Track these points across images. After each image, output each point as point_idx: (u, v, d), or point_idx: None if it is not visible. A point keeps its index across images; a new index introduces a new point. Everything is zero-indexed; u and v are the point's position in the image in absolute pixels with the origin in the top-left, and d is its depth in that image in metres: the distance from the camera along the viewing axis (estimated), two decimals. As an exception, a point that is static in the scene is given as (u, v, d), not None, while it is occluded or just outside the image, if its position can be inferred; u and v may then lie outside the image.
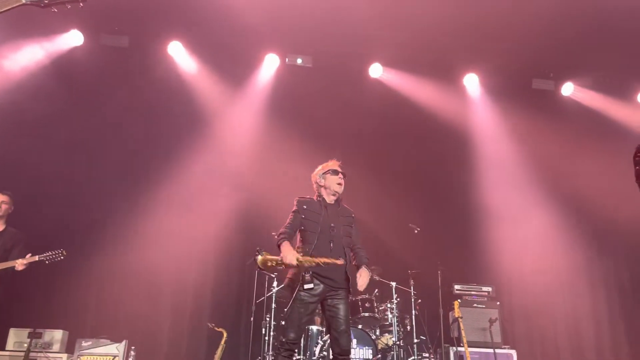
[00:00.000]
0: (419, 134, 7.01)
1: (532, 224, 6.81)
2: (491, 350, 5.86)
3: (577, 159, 6.66)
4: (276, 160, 6.31)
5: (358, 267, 3.79)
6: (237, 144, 6.66)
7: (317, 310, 3.93)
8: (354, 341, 5.53)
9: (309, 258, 3.58)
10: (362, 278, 3.70)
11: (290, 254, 3.54)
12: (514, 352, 6.04)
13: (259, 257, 3.62)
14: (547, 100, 7.11)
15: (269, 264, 3.63)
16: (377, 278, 6.31)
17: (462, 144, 7.12)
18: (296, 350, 5.57)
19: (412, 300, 6.12)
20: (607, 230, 6.77)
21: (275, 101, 6.83)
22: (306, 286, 3.53)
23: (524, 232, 6.80)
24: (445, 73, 6.98)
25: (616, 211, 6.00)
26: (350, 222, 3.89)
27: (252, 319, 5.84)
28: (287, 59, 6.94)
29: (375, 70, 6.98)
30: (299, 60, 6.92)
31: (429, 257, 6.35)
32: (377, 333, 6.07)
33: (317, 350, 5.56)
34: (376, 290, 6.30)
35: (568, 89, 7.13)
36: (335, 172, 3.90)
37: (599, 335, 6.62)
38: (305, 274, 3.56)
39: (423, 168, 7.03)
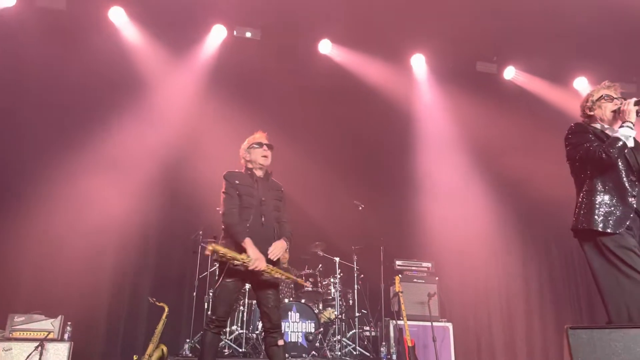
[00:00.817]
0: (366, 112, 7.06)
1: (470, 202, 7.05)
2: (429, 324, 6.07)
3: (515, 140, 6.91)
4: (218, 133, 6.17)
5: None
6: (177, 115, 6.44)
7: None
8: (297, 315, 5.61)
9: (276, 269, 3.52)
10: (275, 248, 3.58)
11: (260, 261, 3.44)
12: (450, 325, 6.30)
13: (210, 247, 3.47)
14: (490, 83, 7.31)
15: (222, 258, 3.49)
16: (321, 253, 6.40)
17: (407, 123, 7.24)
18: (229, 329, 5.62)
19: (355, 275, 6.26)
20: (540, 209, 7.10)
21: (220, 73, 6.67)
22: (236, 262, 3.50)
23: (463, 210, 7.03)
24: (393, 52, 7.03)
25: (549, 190, 6.27)
26: (280, 196, 3.82)
27: (194, 293, 5.80)
28: (235, 32, 6.78)
29: (325, 47, 6.95)
30: (248, 34, 6.78)
31: (372, 234, 6.47)
32: (320, 307, 6.17)
33: (260, 324, 5.59)
34: (320, 265, 6.38)
35: (510, 73, 7.35)
36: (259, 145, 3.79)
37: (529, 308, 6.99)
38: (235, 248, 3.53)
39: (368, 146, 7.11)
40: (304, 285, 3.68)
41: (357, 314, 6.06)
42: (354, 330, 5.99)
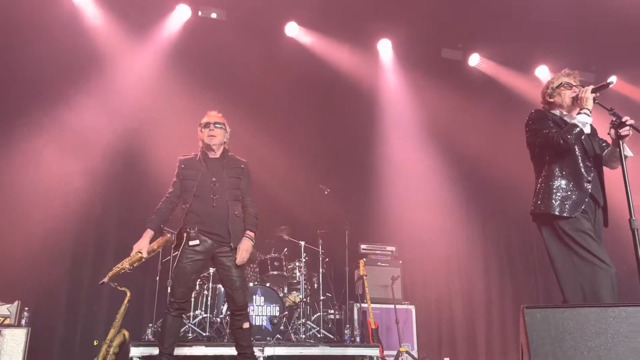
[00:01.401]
0: (332, 96, 7.05)
1: (433, 187, 7.15)
2: (392, 306, 6.19)
3: (478, 126, 7.04)
4: (181, 114, 6.05)
5: (244, 232, 3.72)
6: (139, 94, 6.27)
7: None
8: (262, 299, 5.61)
9: (136, 258, 3.63)
10: (240, 252, 3.60)
11: (135, 249, 3.62)
12: (412, 308, 6.43)
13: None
14: (455, 70, 7.39)
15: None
16: (286, 237, 6.40)
17: (372, 108, 7.27)
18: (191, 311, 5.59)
19: (320, 259, 6.29)
20: (501, 193, 7.27)
21: (184, 54, 6.50)
22: (191, 243, 3.49)
23: (426, 194, 7.12)
24: (360, 37, 7.02)
25: (510, 175, 6.42)
26: (239, 173, 3.80)
27: (157, 278, 5.72)
28: (200, 12, 6.63)
29: (292, 29, 6.88)
30: (214, 15, 6.64)
31: (338, 218, 6.50)
32: (285, 291, 6.19)
33: (224, 308, 5.58)
34: (285, 249, 6.39)
35: (474, 60, 7.44)
36: (206, 125, 3.79)
37: (488, 289, 7.18)
38: (190, 230, 3.51)
39: (334, 130, 7.10)
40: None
41: (321, 298, 6.10)
42: (319, 314, 6.03)
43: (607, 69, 7.20)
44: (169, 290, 5.57)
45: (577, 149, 3.36)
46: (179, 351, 4.61)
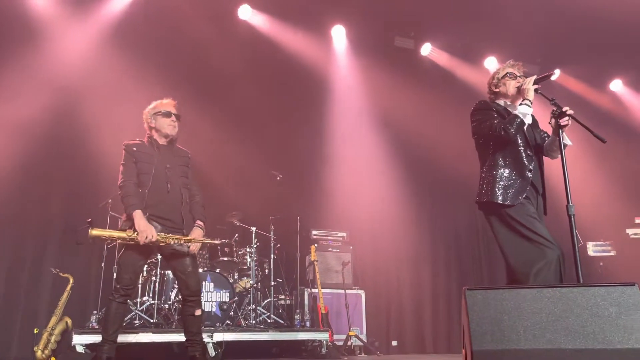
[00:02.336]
0: (285, 81, 6.99)
1: (383, 173, 7.24)
2: (342, 291, 6.26)
3: (428, 114, 7.16)
4: (125, 94, 5.84)
5: (193, 221, 3.65)
6: (79, 71, 5.96)
7: None
8: (211, 285, 5.56)
9: (170, 236, 3.40)
10: (195, 245, 3.55)
11: (149, 230, 3.32)
12: (362, 292, 6.53)
13: (92, 232, 3.35)
14: (407, 58, 7.48)
15: (105, 238, 3.40)
16: (237, 223, 6.35)
17: (325, 94, 7.26)
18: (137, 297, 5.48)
19: (272, 244, 6.28)
20: (448, 181, 7.45)
21: (129, 33, 6.26)
22: (126, 238, 3.39)
23: (377, 181, 7.21)
24: (314, 22, 6.98)
25: (457, 163, 6.58)
26: (186, 162, 3.73)
27: (102, 264, 5.57)
28: (151, -9, 6.41)
29: (244, 12, 6.76)
30: (165, -6, 6.43)
31: (290, 204, 6.50)
32: (236, 277, 6.16)
33: (172, 294, 5.50)
34: (236, 235, 6.34)
35: (426, 49, 7.55)
36: (167, 115, 3.65)
37: (435, 273, 7.36)
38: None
39: (286, 115, 7.05)
40: (213, 244, 3.67)
41: (272, 283, 6.10)
42: (269, 299, 6.04)
43: (551, 62, 7.45)
44: (114, 276, 5.43)
45: (519, 139, 3.48)
46: (124, 338, 4.52)
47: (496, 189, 3.39)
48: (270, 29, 6.85)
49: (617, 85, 8.13)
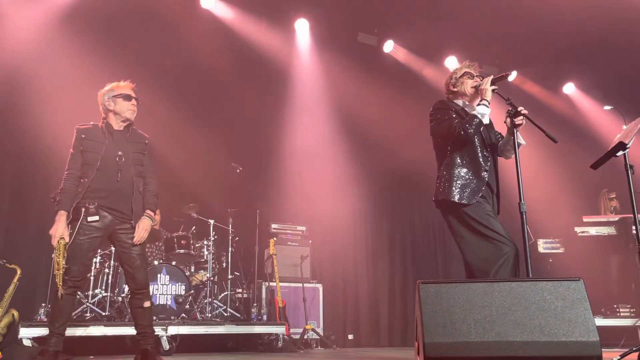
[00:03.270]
0: (245, 73, 6.88)
1: (343, 169, 7.27)
2: (300, 285, 6.27)
3: (388, 112, 7.23)
4: (79, 78, 5.64)
5: (144, 210, 3.55)
6: (30, 52, 5.76)
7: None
8: (167, 277, 5.47)
9: (63, 247, 3.28)
10: (139, 231, 3.44)
11: (56, 236, 3.27)
12: (320, 286, 6.56)
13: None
14: (370, 55, 7.50)
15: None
16: (195, 215, 6.27)
17: (286, 87, 7.21)
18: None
19: (230, 237, 6.23)
20: (407, 178, 7.55)
21: (88, 18, 6.06)
22: (90, 218, 3.30)
23: (336, 176, 7.22)
24: (277, 14, 6.92)
25: (416, 160, 6.66)
26: (143, 149, 3.61)
27: (53, 255, 5.37)
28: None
29: (207, 1, 6.64)
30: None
31: (249, 197, 6.46)
32: (192, 270, 6.08)
33: (126, 287, 5.38)
34: (194, 227, 6.26)
35: (389, 47, 7.61)
36: (127, 97, 3.54)
37: (392, 267, 7.46)
38: (89, 205, 3.32)
39: (246, 108, 6.97)
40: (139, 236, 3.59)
41: (229, 277, 6.05)
42: (226, 293, 5.99)
43: (509, 64, 7.64)
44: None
45: (476, 139, 3.55)
46: (74, 332, 4.40)
47: (453, 188, 3.46)
48: (234, 20, 6.75)
49: (570, 89, 8.41)
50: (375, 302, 7.22)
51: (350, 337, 6.91)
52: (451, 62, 7.78)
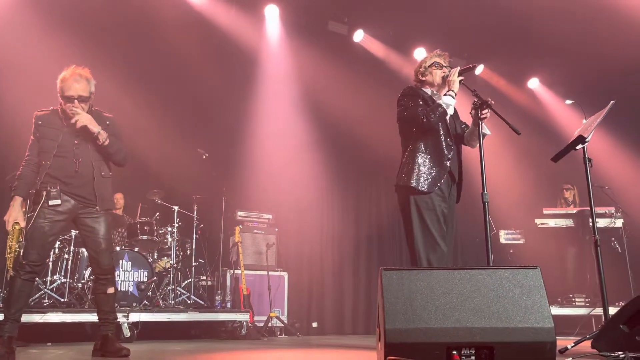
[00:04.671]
0: (213, 57, 6.75)
1: (311, 157, 7.25)
2: (265, 273, 6.26)
3: (357, 101, 7.23)
4: (39, 60, 5.45)
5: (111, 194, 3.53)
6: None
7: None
8: (129, 264, 5.37)
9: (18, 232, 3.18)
10: (81, 115, 3.31)
11: (10, 218, 3.20)
12: (285, 274, 6.56)
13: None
14: (340, 44, 7.48)
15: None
16: (159, 201, 6.17)
17: (254, 73, 7.12)
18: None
19: (195, 224, 6.16)
20: (374, 164, 7.59)
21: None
22: (51, 202, 3.21)
23: (304, 164, 7.20)
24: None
25: (383, 147, 6.69)
26: (105, 129, 3.49)
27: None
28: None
29: (174, -17, 6.49)
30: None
31: (215, 184, 6.39)
32: (155, 256, 5.99)
33: (86, 273, 5.27)
34: (157, 213, 6.16)
35: (359, 36, 7.60)
36: (78, 81, 3.40)
37: (357, 255, 7.51)
38: (51, 188, 3.24)
39: (213, 93, 6.85)
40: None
41: (194, 264, 5.99)
42: (190, 280, 5.93)
43: (477, 57, 7.74)
44: (21, 252, 5.11)
45: (440, 128, 3.60)
46: (31, 318, 4.29)
47: (415, 175, 3.52)
48: (202, 3, 6.62)
49: (534, 83, 8.59)
50: (340, 291, 7.26)
51: (315, 325, 6.95)
52: (420, 54, 7.82)
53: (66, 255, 5.30)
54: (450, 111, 3.65)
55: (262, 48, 7.14)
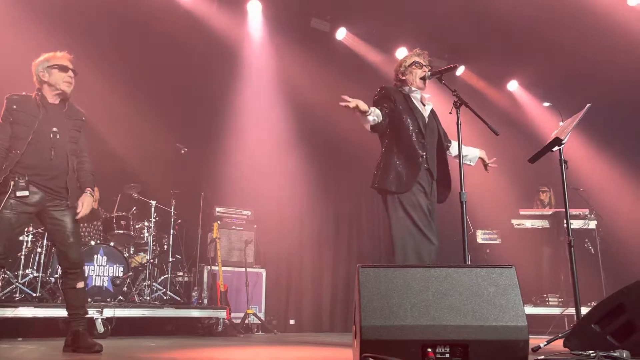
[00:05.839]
0: (194, 52, 6.69)
1: (291, 154, 7.22)
2: (243, 269, 6.22)
3: (338, 98, 7.20)
4: (12, 44, 5.32)
5: (82, 190, 3.41)
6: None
7: None
8: (104, 259, 5.30)
9: None
10: (84, 208, 3.33)
11: None
12: (263, 271, 6.53)
13: None
14: (322, 41, 7.46)
15: None
16: (136, 196, 6.10)
17: (234, 69, 7.05)
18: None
19: (172, 220, 6.10)
20: (353, 163, 7.60)
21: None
22: (19, 193, 3.14)
23: (284, 161, 7.16)
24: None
25: (362, 144, 6.70)
26: (80, 126, 3.46)
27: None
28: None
29: (156, -26, 6.39)
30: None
31: (194, 179, 6.33)
32: (132, 251, 5.91)
33: (60, 268, 5.17)
34: (134, 208, 6.08)
35: (341, 34, 7.60)
36: (64, 69, 3.35)
37: (337, 253, 7.50)
38: (19, 179, 3.15)
39: (194, 88, 6.78)
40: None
41: (170, 259, 5.93)
42: (166, 275, 5.87)
43: (458, 58, 7.79)
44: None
45: (410, 126, 3.61)
46: (2, 313, 4.23)
47: (387, 177, 3.56)
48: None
49: (513, 86, 8.70)
50: (318, 288, 7.26)
51: (292, 322, 6.93)
52: (402, 53, 7.84)
53: (39, 249, 5.20)
54: (425, 113, 3.71)
55: (244, 44, 7.09)
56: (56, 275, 5.11)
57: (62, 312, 4.42)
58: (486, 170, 3.99)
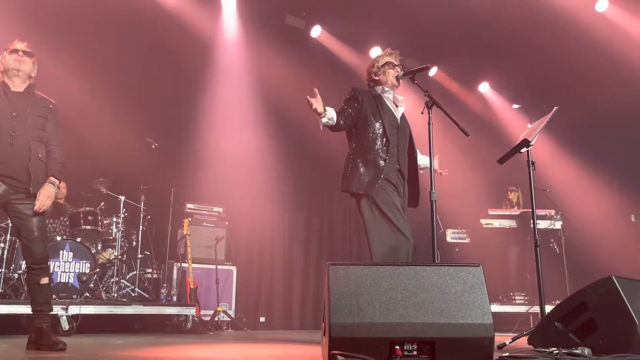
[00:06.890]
0: (166, 45, 6.56)
1: (264, 153, 7.19)
2: (214, 266, 6.17)
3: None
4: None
5: (47, 177, 3.32)
6: None
7: None
8: (70, 254, 5.18)
9: None
10: (40, 197, 3.21)
11: None
12: (234, 268, 6.49)
13: None
14: (297, 38, 7.44)
15: None
16: (104, 191, 5.99)
17: (207, 64, 6.97)
18: None
19: (141, 216, 6.00)
20: (326, 160, 7.59)
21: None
22: None
23: (255, 158, 7.11)
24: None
25: (335, 144, 6.71)
26: (46, 113, 3.39)
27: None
28: None
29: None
30: None
31: (164, 174, 6.24)
32: (99, 247, 5.81)
33: (23, 263, 5.03)
34: (102, 203, 5.97)
35: (316, 32, 7.59)
36: (14, 51, 3.34)
37: (308, 252, 7.50)
38: None
39: (165, 82, 6.66)
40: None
41: (139, 256, 5.84)
42: (135, 272, 5.78)
43: (431, 59, 7.86)
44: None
45: (376, 129, 3.63)
46: (-39, 309, 4.06)
47: (353, 178, 3.57)
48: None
49: (484, 87, 8.83)
50: (289, 286, 7.25)
51: (262, 319, 6.91)
52: (376, 53, 7.89)
53: (2, 244, 5.05)
54: (397, 114, 3.73)
55: (218, 39, 7.01)
56: (19, 272, 4.98)
57: (25, 309, 4.31)
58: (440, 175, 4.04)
